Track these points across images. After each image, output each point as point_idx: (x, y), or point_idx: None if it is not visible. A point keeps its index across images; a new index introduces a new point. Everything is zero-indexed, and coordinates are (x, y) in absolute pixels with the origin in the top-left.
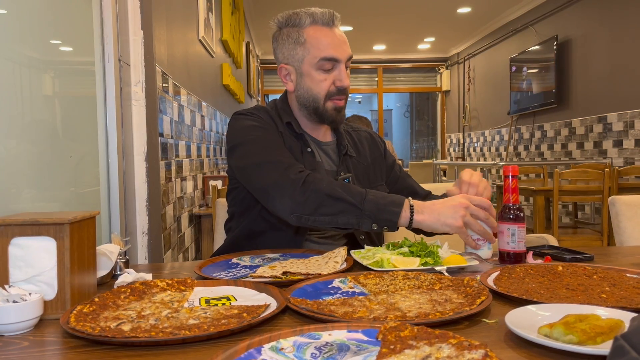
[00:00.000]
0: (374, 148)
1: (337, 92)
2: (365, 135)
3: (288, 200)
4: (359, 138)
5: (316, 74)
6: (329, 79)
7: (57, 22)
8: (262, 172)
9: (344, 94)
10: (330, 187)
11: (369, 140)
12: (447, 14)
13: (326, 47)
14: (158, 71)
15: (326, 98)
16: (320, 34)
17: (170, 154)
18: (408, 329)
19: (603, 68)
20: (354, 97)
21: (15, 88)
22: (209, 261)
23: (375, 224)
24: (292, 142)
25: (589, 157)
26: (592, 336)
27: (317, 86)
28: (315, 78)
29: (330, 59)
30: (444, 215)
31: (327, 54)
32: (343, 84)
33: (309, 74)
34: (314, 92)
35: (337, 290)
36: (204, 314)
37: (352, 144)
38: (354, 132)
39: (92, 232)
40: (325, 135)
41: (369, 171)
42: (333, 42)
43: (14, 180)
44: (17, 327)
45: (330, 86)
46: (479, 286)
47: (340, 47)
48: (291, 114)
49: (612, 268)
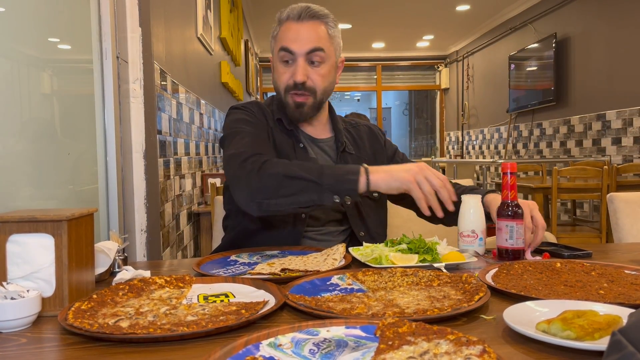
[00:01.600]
0: (373, 141)
1: (294, 87)
2: (364, 129)
3: (245, 188)
4: (358, 134)
5: (279, 66)
6: (288, 72)
7: (55, 20)
8: (228, 165)
9: (300, 89)
10: (287, 168)
11: (369, 133)
12: (446, 11)
13: (285, 39)
14: (156, 69)
15: (285, 92)
16: (286, 27)
17: (168, 152)
18: (406, 325)
19: (602, 66)
20: (353, 95)
21: (13, 86)
22: (207, 258)
23: (336, 195)
24: (283, 138)
25: (588, 154)
26: (590, 332)
27: (279, 79)
28: (278, 70)
29: (285, 49)
30: (397, 171)
31: (283, 45)
32: (296, 79)
33: (275, 67)
34: (277, 84)
35: (335, 287)
36: (202, 310)
37: (352, 141)
38: (352, 128)
39: (90, 229)
40: (322, 132)
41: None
42: (293, 35)
43: (12, 177)
44: (15, 324)
45: (289, 80)
46: (477, 283)
47: (298, 40)
48: (284, 109)
49: (610, 264)
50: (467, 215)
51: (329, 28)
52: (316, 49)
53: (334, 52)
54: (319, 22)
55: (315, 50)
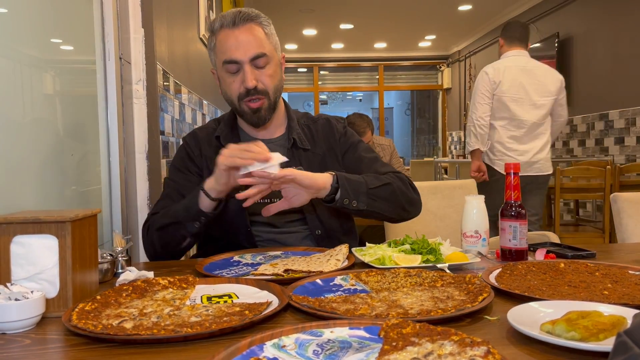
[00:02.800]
0: (329, 135)
1: (247, 94)
2: (322, 123)
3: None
4: (315, 129)
5: (226, 76)
6: (237, 81)
7: (57, 21)
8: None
9: (254, 94)
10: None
11: (326, 127)
12: (448, 11)
13: (226, 50)
14: (159, 69)
15: (239, 100)
16: (223, 36)
17: (171, 152)
18: (410, 326)
19: (604, 65)
20: (355, 95)
21: (16, 87)
22: (211, 259)
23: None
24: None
25: (591, 154)
26: (594, 333)
27: (229, 89)
28: (226, 81)
29: (230, 61)
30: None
31: (227, 57)
32: (247, 85)
33: (222, 78)
34: (229, 95)
35: (338, 287)
36: (206, 311)
37: (310, 136)
38: (312, 123)
39: (93, 230)
40: (275, 131)
41: (325, 160)
42: (232, 44)
43: (16, 178)
44: (19, 325)
45: (240, 88)
46: (480, 283)
47: (239, 48)
48: (232, 121)
49: (615, 265)
50: (471, 215)
51: (264, 27)
52: (259, 56)
53: (274, 51)
54: (253, 24)
55: (259, 57)
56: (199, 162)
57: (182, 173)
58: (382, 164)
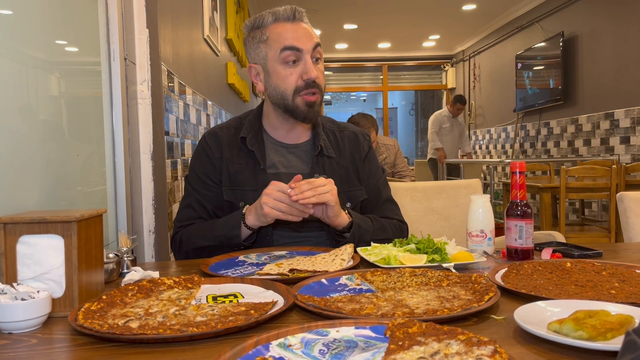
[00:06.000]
0: (355, 149)
1: (306, 86)
2: (349, 134)
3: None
4: (342, 137)
5: (281, 68)
6: (295, 73)
7: (62, 22)
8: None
9: (314, 87)
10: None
11: (352, 140)
12: (452, 11)
13: (287, 38)
14: (164, 70)
15: (295, 94)
16: (282, 28)
17: (176, 153)
18: (416, 325)
19: (610, 64)
20: (359, 96)
21: (21, 88)
22: (216, 259)
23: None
24: (244, 160)
25: (596, 154)
26: (602, 332)
27: (284, 82)
28: (281, 74)
29: (291, 47)
30: (258, 208)
31: (288, 43)
32: (310, 76)
33: (274, 71)
34: (281, 89)
35: (344, 287)
36: (212, 311)
37: (334, 144)
38: (338, 131)
39: (99, 230)
40: (300, 136)
41: (348, 174)
42: (294, 34)
43: (22, 179)
44: (25, 325)
45: (297, 80)
46: (486, 283)
47: (302, 37)
48: (257, 123)
49: (621, 264)
50: (476, 215)
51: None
52: (319, 44)
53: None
54: (307, 23)
55: (318, 46)
56: (219, 165)
57: (203, 182)
58: (394, 207)
